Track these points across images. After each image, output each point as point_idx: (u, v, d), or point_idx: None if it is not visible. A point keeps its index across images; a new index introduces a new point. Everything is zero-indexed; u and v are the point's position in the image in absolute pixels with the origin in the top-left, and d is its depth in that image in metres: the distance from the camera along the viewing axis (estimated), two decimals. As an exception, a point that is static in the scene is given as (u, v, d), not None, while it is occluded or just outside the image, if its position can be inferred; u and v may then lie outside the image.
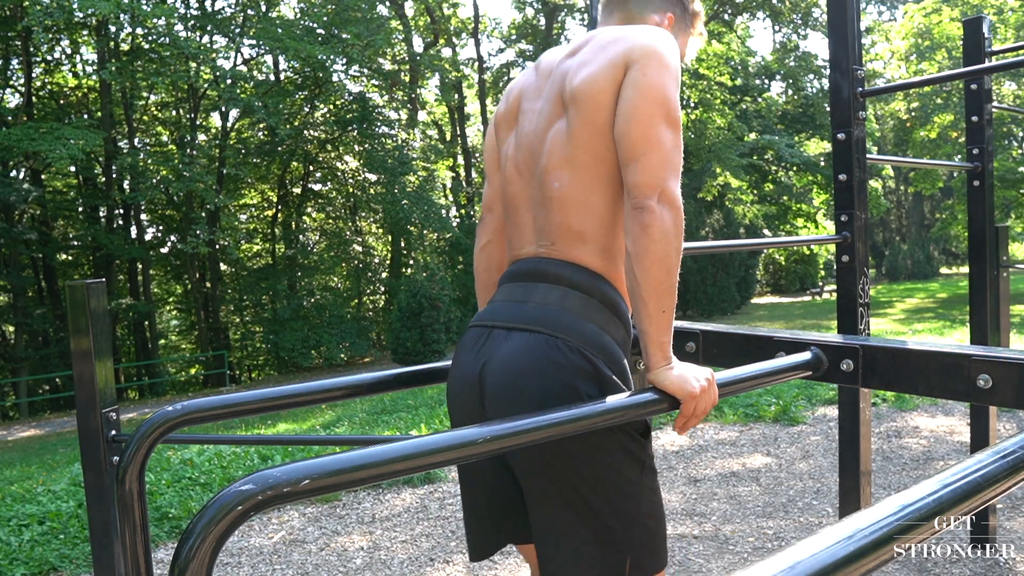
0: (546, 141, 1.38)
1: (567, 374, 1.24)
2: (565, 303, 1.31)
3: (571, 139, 1.33)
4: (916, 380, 1.44)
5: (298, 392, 1.49)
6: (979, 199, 3.22)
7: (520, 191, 1.44)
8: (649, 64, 1.29)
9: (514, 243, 1.47)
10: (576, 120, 1.32)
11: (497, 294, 1.44)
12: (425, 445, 0.94)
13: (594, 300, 1.33)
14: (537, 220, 1.40)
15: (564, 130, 1.35)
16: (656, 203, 1.21)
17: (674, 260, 1.21)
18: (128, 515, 1.26)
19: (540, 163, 1.38)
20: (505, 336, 1.32)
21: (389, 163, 21.60)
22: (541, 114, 1.42)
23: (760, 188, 27.48)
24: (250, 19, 20.39)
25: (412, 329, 17.30)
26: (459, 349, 1.43)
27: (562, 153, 1.34)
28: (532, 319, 1.31)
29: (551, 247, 1.37)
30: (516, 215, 1.45)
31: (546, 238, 1.38)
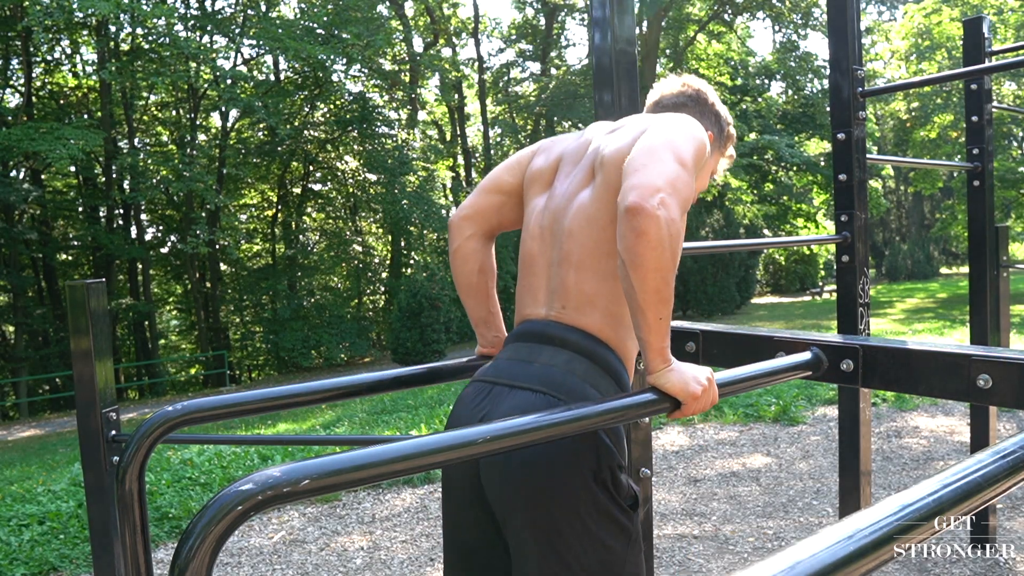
0: (572, 205, 1.43)
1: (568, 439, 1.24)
2: (571, 367, 1.33)
3: (594, 200, 1.39)
4: (916, 380, 1.44)
5: (298, 392, 1.49)
6: (979, 199, 3.22)
7: (539, 250, 1.47)
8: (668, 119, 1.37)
9: (525, 301, 1.49)
10: (600, 183, 1.38)
11: (503, 352, 1.46)
12: (425, 445, 0.94)
13: (598, 367, 1.35)
14: (552, 281, 1.43)
15: (589, 194, 1.41)
16: (652, 207, 1.16)
17: (670, 269, 1.19)
18: (128, 515, 1.26)
19: (564, 225, 1.42)
20: (508, 393, 1.33)
21: (389, 163, 21.60)
22: (573, 180, 1.47)
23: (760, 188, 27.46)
24: (250, 19, 20.38)
25: (412, 329, 17.29)
26: (458, 403, 1.44)
27: (585, 214, 1.39)
28: (536, 379, 1.32)
29: (562, 311, 1.39)
30: (531, 273, 1.48)
31: (558, 301, 1.40)
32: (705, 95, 1.61)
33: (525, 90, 28.32)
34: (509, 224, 1.65)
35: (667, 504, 4.19)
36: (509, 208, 1.62)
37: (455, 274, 1.64)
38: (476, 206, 1.63)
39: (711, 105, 1.60)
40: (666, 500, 4.26)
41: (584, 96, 22.78)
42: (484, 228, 1.63)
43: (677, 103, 1.59)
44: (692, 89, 1.60)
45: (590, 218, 1.38)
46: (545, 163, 1.56)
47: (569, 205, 1.43)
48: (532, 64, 28.62)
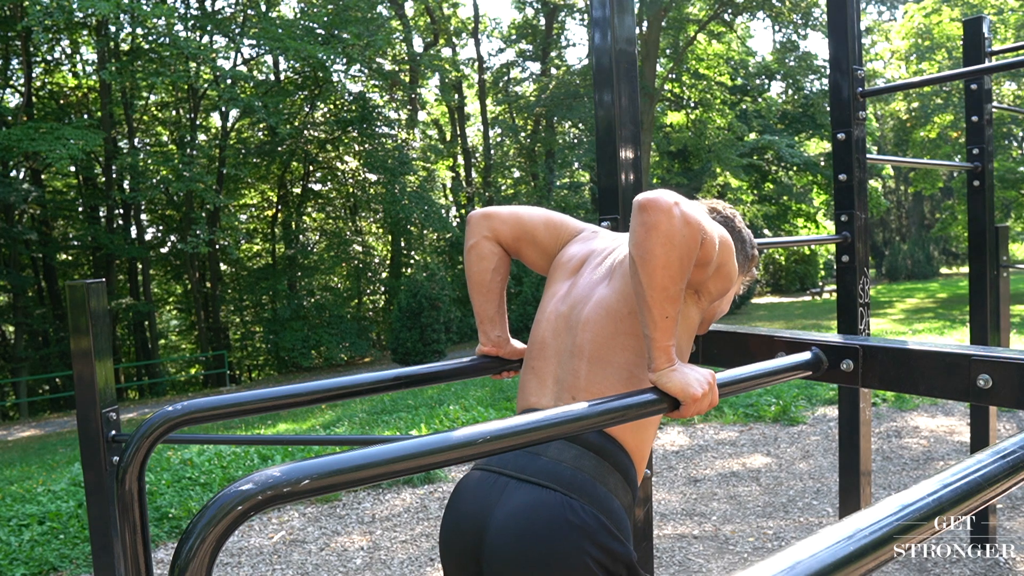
0: (592, 296, 1.44)
1: (579, 537, 1.23)
2: (580, 463, 1.31)
3: (612, 291, 1.40)
4: (916, 380, 1.44)
5: (298, 392, 1.49)
6: (979, 199, 3.22)
7: (551, 337, 1.47)
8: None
9: (530, 388, 1.47)
10: (620, 275, 1.40)
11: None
12: (425, 445, 0.94)
13: (607, 464, 1.33)
14: (561, 371, 1.42)
15: (607, 286, 1.42)
16: (666, 203, 1.16)
17: (679, 266, 1.18)
18: (128, 515, 1.26)
19: (581, 315, 1.43)
20: (516, 487, 1.31)
21: (389, 163, 21.59)
22: (596, 272, 1.49)
23: (760, 188, 27.48)
24: (250, 19, 20.38)
25: (412, 329, 17.29)
26: (459, 492, 1.41)
27: (603, 305, 1.40)
28: (546, 474, 1.30)
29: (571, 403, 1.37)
30: (541, 359, 1.47)
31: (567, 392, 1.39)
32: (733, 220, 1.60)
33: (525, 90, 28.31)
34: (520, 256, 1.66)
35: (667, 504, 4.19)
36: (528, 249, 1.63)
37: (469, 270, 1.63)
38: (503, 220, 1.62)
39: (738, 230, 1.60)
40: (666, 500, 4.26)
41: (584, 96, 22.77)
42: (501, 240, 1.63)
43: None
44: (722, 215, 1.60)
45: (608, 309, 1.38)
46: (579, 253, 1.57)
47: (589, 296, 1.44)
48: (532, 64, 28.62)
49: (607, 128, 2.03)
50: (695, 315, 1.43)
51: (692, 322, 1.43)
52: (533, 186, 26.37)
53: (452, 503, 1.41)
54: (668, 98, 25.29)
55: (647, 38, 21.41)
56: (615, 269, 1.44)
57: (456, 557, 1.37)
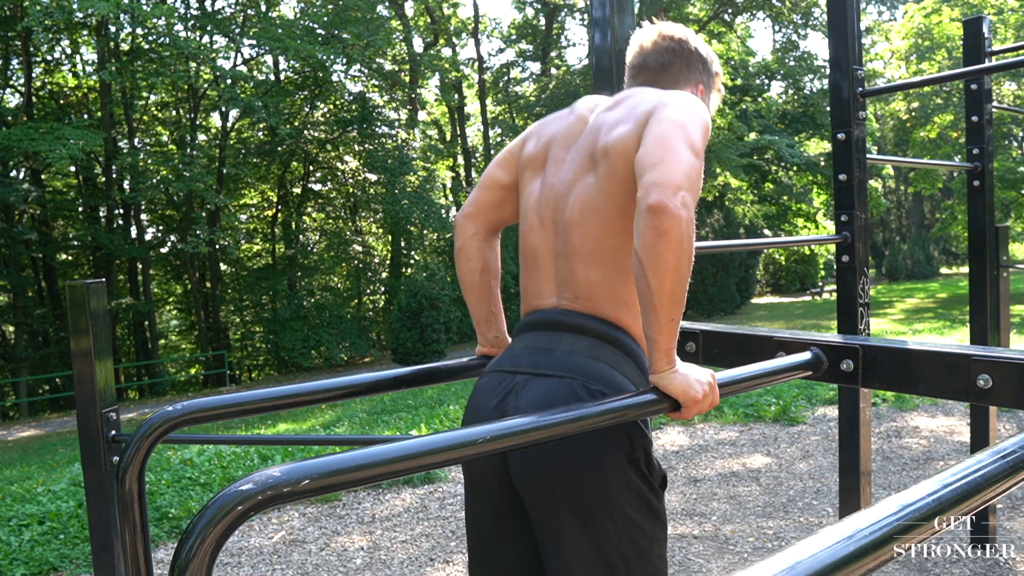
0: (572, 194, 1.39)
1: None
2: (594, 352, 1.32)
3: (599, 191, 1.35)
4: (916, 380, 1.44)
5: (298, 392, 1.49)
6: (979, 199, 3.22)
7: (542, 241, 1.45)
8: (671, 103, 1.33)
9: (531, 293, 1.47)
10: (607, 173, 1.35)
11: (517, 342, 1.44)
12: (425, 445, 0.94)
13: (620, 352, 1.34)
14: (559, 272, 1.41)
15: (592, 183, 1.37)
16: (676, 207, 1.16)
17: (687, 270, 1.19)
18: (128, 515, 1.26)
19: (565, 215, 1.39)
20: (532, 381, 1.31)
21: (389, 163, 21.60)
22: (571, 166, 1.43)
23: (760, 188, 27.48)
24: (250, 19, 20.38)
25: (412, 329, 17.29)
26: (476, 394, 1.41)
27: (589, 206, 1.36)
28: (561, 365, 1.31)
29: (574, 300, 1.38)
30: (535, 266, 1.46)
31: (568, 290, 1.39)
32: (686, 42, 1.56)
33: (525, 90, 28.32)
34: (511, 218, 1.63)
35: (667, 504, 4.18)
36: (509, 202, 1.61)
37: (459, 272, 1.64)
38: (477, 203, 1.61)
39: (695, 51, 1.56)
40: (666, 500, 4.26)
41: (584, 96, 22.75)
42: (486, 224, 1.62)
43: (662, 61, 1.54)
44: (673, 40, 1.55)
45: (596, 210, 1.35)
46: (535, 149, 1.53)
47: (568, 193, 1.40)
48: (532, 64, 28.64)
49: (607, 128, 2.03)
50: None
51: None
52: (533, 186, 26.30)
53: (471, 405, 1.41)
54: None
55: (647, 38, 21.38)
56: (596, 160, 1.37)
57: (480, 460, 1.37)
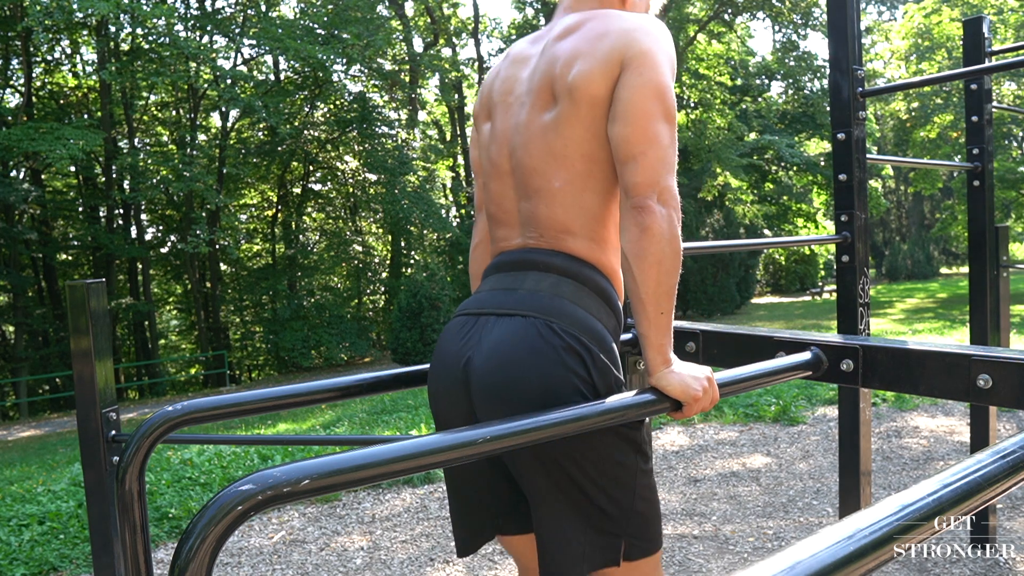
0: (528, 134, 1.34)
1: (561, 356, 1.22)
2: (558, 289, 1.29)
3: (560, 135, 1.29)
4: (916, 380, 1.44)
5: (298, 392, 1.49)
6: (979, 199, 3.22)
7: (501, 186, 1.41)
8: (645, 63, 1.25)
9: (499, 236, 1.44)
10: (568, 115, 1.28)
11: (483, 284, 1.42)
12: (425, 445, 0.94)
13: (586, 288, 1.31)
14: (522, 213, 1.37)
15: (552, 123, 1.30)
16: (655, 203, 1.19)
17: (672, 262, 1.19)
18: (128, 515, 1.26)
19: (522, 160, 1.34)
20: (495, 322, 1.29)
21: (389, 163, 21.59)
22: (522, 104, 1.37)
23: (760, 188, 27.48)
24: (250, 19, 20.38)
25: (412, 329, 17.29)
26: (443, 338, 1.39)
27: (548, 150, 1.30)
28: (524, 304, 1.28)
29: (539, 239, 1.35)
30: (500, 209, 1.43)
31: (533, 230, 1.35)
32: None
33: (525, 90, 28.27)
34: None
35: (667, 504, 4.19)
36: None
37: (472, 267, 1.64)
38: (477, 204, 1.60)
39: None
40: (666, 500, 4.26)
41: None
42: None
43: None
44: None
45: (556, 155, 1.29)
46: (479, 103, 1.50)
47: (524, 135, 1.34)
48: (532, 64, 28.58)
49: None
50: None
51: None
52: (533, 186, 26.31)
53: (436, 352, 1.39)
54: (668, 98, 25.22)
55: (647, 38, 21.37)
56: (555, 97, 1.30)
57: (446, 401, 1.35)
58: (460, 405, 1.33)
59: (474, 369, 1.28)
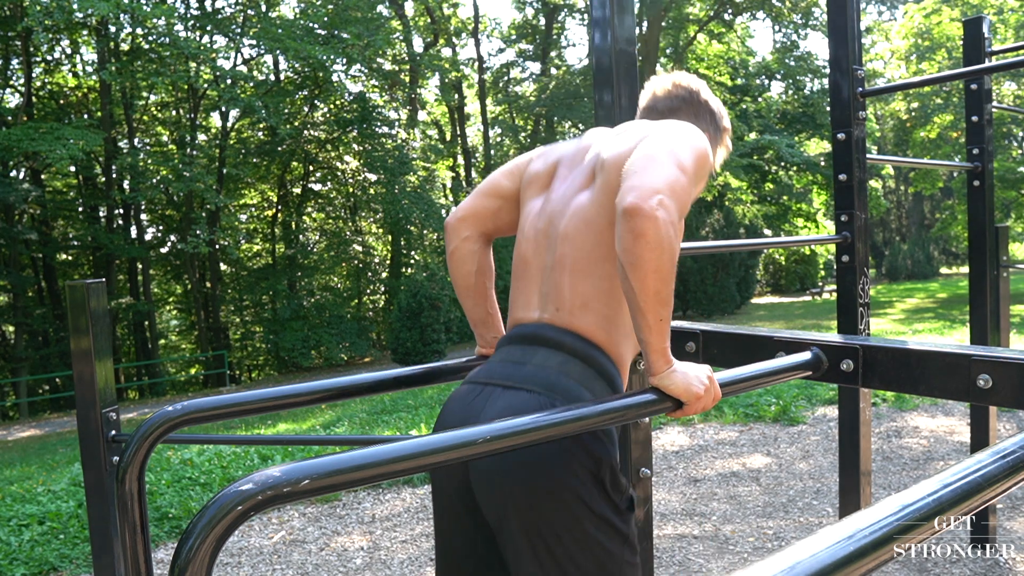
0: (569, 208, 1.42)
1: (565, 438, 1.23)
2: (565, 368, 1.33)
3: (592, 204, 1.38)
4: (916, 380, 1.44)
5: (298, 392, 1.49)
6: (979, 199, 3.22)
7: (533, 254, 1.46)
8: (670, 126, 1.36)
9: (517, 304, 1.48)
10: (600, 186, 1.37)
11: (495, 355, 1.45)
12: (425, 445, 0.94)
13: (592, 370, 1.34)
14: (544, 285, 1.42)
15: (587, 197, 1.40)
16: (651, 207, 1.16)
17: (669, 269, 1.18)
18: (128, 515, 1.26)
19: (559, 228, 1.41)
20: (501, 393, 1.32)
21: (389, 163, 21.60)
22: (571, 184, 1.46)
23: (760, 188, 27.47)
24: (250, 19, 20.38)
25: (412, 329, 17.29)
26: (448, 404, 1.42)
27: (582, 218, 1.38)
28: (530, 379, 1.31)
29: (556, 314, 1.38)
30: (524, 277, 1.47)
31: (551, 304, 1.40)
32: (697, 93, 1.60)
33: (525, 90, 28.33)
34: (506, 229, 1.64)
35: (667, 504, 4.19)
36: (506, 212, 1.61)
37: (453, 275, 1.64)
38: (473, 208, 1.62)
39: (704, 103, 1.60)
40: (666, 500, 4.26)
41: (584, 96, 22.77)
42: (480, 231, 1.62)
43: (671, 107, 1.59)
44: (684, 89, 1.60)
45: (588, 221, 1.37)
46: (543, 167, 1.55)
47: (566, 208, 1.42)
48: (532, 64, 28.63)
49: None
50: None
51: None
52: (533, 186, 26.31)
53: (441, 415, 1.41)
54: (668, 98, 25.23)
55: (647, 38, 21.41)
56: (595, 174, 1.41)
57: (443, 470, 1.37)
58: (458, 477, 1.35)
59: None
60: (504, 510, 1.26)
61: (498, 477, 1.26)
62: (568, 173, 1.49)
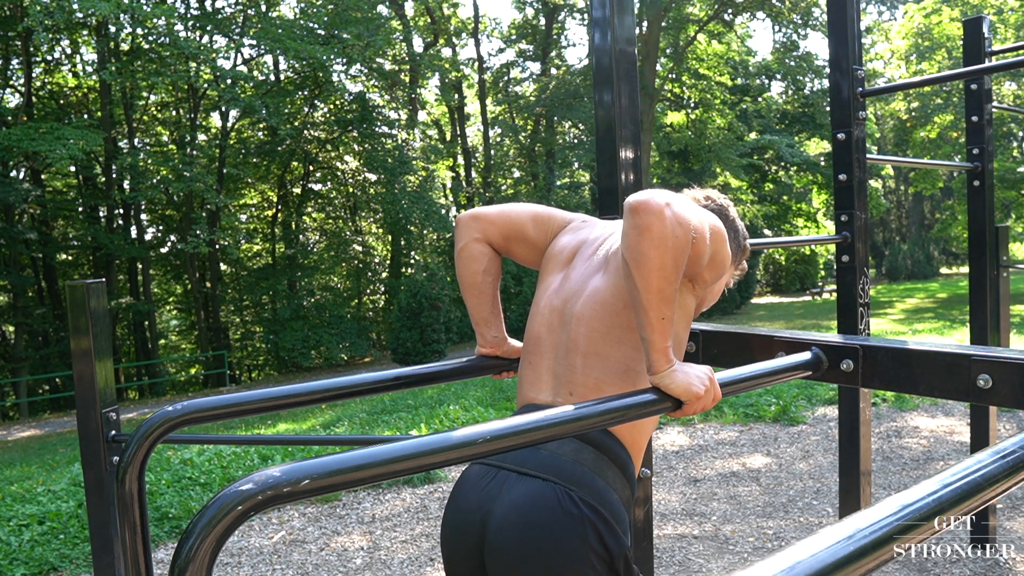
0: (585, 289, 1.43)
1: (578, 527, 1.25)
2: (579, 456, 1.33)
3: (607, 285, 1.39)
4: (916, 380, 1.44)
5: (298, 392, 1.49)
6: (979, 199, 3.22)
7: (546, 333, 1.47)
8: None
9: (528, 385, 1.48)
10: (612, 270, 1.39)
11: None
12: (425, 445, 0.93)
13: (606, 458, 1.35)
14: (558, 366, 1.42)
15: (603, 278, 1.41)
16: (657, 204, 1.16)
17: (673, 267, 1.18)
18: (128, 515, 1.26)
19: (575, 310, 1.42)
20: (516, 480, 1.32)
21: (389, 163, 21.60)
22: (589, 266, 1.47)
23: (760, 188, 27.49)
24: (250, 19, 20.38)
25: (412, 329, 17.29)
26: (460, 485, 1.42)
27: (598, 299, 1.39)
28: (545, 467, 1.31)
29: (568, 397, 1.39)
30: (537, 355, 1.47)
31: (565, 387, 1.40)
32: (727, 210, 1.61)
33: (525, 90, 28.32)
34: (512, 254, 1.65)
35: (667, 504, 4.19)
36: (519, 246, 1.63)
37: (460, 272, 1.64)
38: (492, 220, 1.61)
39: (732, 220, 1.61)
40: (666, 500, 4.26)
41: (584, 96, 22.77)
42: (491, 241, 1.63)
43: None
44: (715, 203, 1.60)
45: (603, 303, 1.38)
46: (569, 245, 1.56)
47: (582, 290, 1.43)
48: (532, 64, 28.62)
49: (607, 128, 2.03)
50: (691, 302, 1.45)
51: (688, 310, 1.45)
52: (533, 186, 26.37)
53: (453, 498, 1.42)
54: (668, 98, 25.29)
55: (647, 38, 21.41)
56: (609, 260, 1.43)
57: (458, 551, 1.37)
58: (472, 557, 1.35)
59: (492, 526, 1.30)
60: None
61: (516, 563, 1.27)
62: (589, 255, 1.50)
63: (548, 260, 1.58)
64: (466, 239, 1.61)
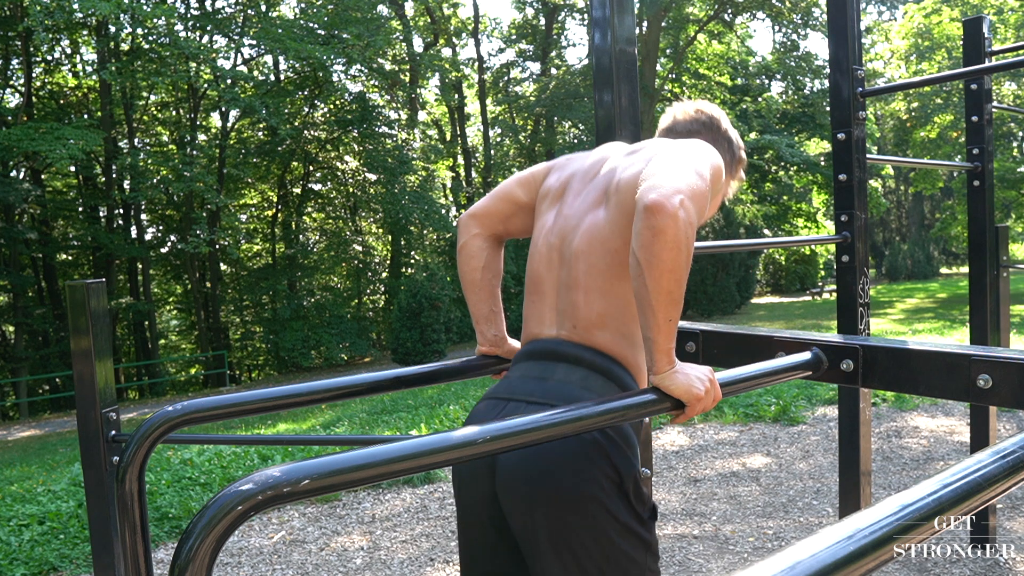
0: (582, 225, 1.43)
1: (588, 450, 1.26)
2: (587, 383, 1.34)
3: (607, 223, 1.39)
4: (916, 380, 1.44)
5: (298, 392, 1.49)
6: (979, 199, 3.22)
7: (546, 271, 1.47)
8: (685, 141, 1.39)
9: (533, 321, 1.49)
10: (615, 206, 1.38)
11: (513, 371, 1.47)
12: (425, 445, 0.94)
13: (613, 384, 1.36)
14: (561, 301, 1.43)
15: (602, 216, 1.40)
16: (673, 206, 1.16)
17: (683, 270, 1.19)
18: (128, 515, 1.26)
19: (572, 246, 1.42)
20: (524, 408, 1.33)
21: (389, 163, 21.60)
22: (585, 199, 1.47)
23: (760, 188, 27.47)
24: (250, 19, 20.38)
25: (412, 329, 17.29)
26: (470, 419, 1.43)
27: (596, 237, 1.39)
28: (554, 395, 1.33)
29: (573, 330, 1.40)
30: (538, 293, 1.48)
31: (568, 321, 1.41)
32: (718, 121, 1.63)
33: (525, 90, 28.32)
34: (517, 232, 1.67)
35: (667, 504, 4.19)
36: (518, 219, 1.65)
37: (461, 270, 1.66)
38: (486, 209, 1.65)
39: (724, 131, 1.63)
40: (666, 500, 4.26)
41: (584, 96, 22.77)
42: (491, 231, 1.65)
43: (691, 129, 1.61)
44: (705, 115, 1.63)
45: (602, 240, 1.38)
46: (557, 181, 1.57)
47: (579, 225, 1.43)
48: (532, 64, 28.63)
49: (607, 128, 2.03)
50: None
51: None
52: (533, 186, 26.31)
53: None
54: (668, 98, 25.27)
55: (647, 38, 21.41)
56: (610, 195, 1.41)
57: (470, 487, 1.39)
58: (483, 489, 1.36)
59: (500, 456, 1.31)
60: (530, 517, 1.28)
61: (525, 485, 1.28)
62: (582, 188, 1.50)
63: (540, 201, 1.59)
64: (465, 237, 1.64)
